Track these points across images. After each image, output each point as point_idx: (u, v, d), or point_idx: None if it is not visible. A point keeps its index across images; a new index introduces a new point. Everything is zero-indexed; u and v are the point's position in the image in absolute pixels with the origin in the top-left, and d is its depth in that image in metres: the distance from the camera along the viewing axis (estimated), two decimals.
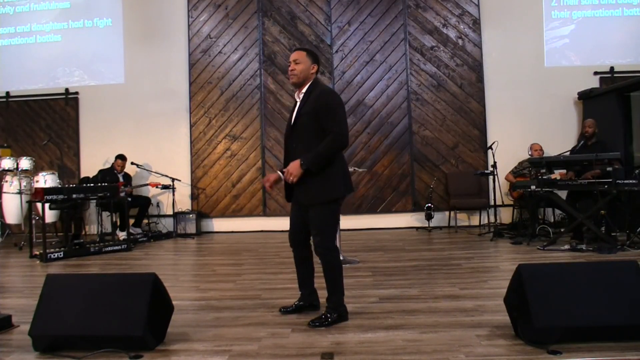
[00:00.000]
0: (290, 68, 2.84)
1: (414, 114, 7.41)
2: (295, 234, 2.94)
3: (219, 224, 7.55)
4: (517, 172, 6.56)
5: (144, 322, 2.34)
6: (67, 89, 7.93)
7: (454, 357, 2.20)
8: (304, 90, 2.84)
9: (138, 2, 7.88)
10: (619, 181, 4.77)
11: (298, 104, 2.85)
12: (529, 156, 6.14)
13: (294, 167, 2.67)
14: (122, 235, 6.45)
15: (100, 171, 6.97)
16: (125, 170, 7.15)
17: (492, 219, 6.71)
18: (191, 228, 7.18)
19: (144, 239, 6.65)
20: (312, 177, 2.71)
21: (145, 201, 7.12)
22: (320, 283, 2.91)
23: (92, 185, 5.96)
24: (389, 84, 7.46)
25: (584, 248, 4.81)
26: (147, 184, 7.23)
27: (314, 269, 3.02)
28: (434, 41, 7.46)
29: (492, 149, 6.29)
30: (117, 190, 5.91)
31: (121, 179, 6.94)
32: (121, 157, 7.06)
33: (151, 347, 2.39)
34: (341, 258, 4.61)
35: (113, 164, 7.03)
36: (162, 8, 7.81)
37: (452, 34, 7.45)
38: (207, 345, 2.46)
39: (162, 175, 7.31)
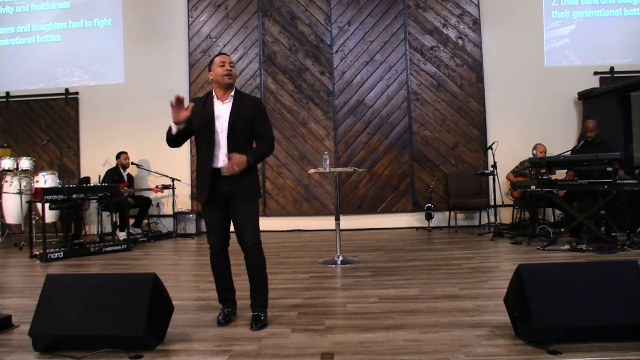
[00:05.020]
0: (227, 69, 2.78)
1: (414, 114, 7.41)
2: (225, 237, 2.90)
3: None
4: (518, 171, 6.57)
5: (144, 322, 2.34)
6: (67, 89, 7.94)
7: (454, 357, 2.20)
8: (232, 93, 2.83)
9: (138, 2, 7.88)
10: (619, 181, 4.77)
11: (224, 106, 2.80)
12: (533, 156, 6.13)
13: (241, 160, 2.67)
14: (122, 235, 6.45)
15: (108, 171, 7.00)
16: (128, 169, 7.18)
17: (492, 219, 6.71)
18: (191, 228, 7.18)
19: (144, 239, 6.65)
20: (249, 175, 2.81)
21: (146, 202, 7.12)
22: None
23: (92, 185, 5.97)
24: (389, 84, 7.46)
25: (584, 248, 4.81)
26: (150, 189, 7.25)
27: None
28: (434, 41, 7.46)
29: (492, 149, 6.29)
30: (117, 190, 5.92)
31: (126, 179, 6.98)
32: (124, 152, 7.11)
33: (151, 347, 2.39)
34: (341, 258, 4.64)
35: (118, 162, 7.05)
36: (162, 8, 7.81)
37: (452, 34, 7.45)
38: (207, 345, 2.46)
39: (162, 175, 7.32)
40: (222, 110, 2.79)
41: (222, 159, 2.75)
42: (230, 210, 2.83)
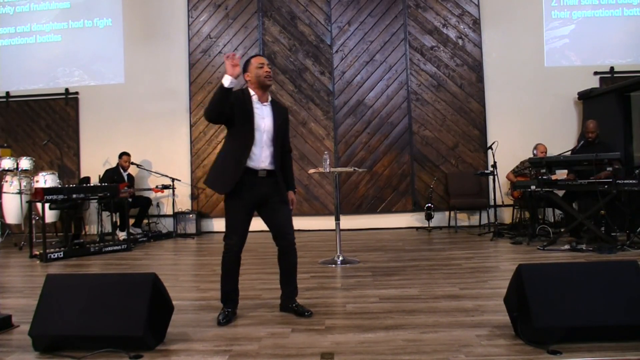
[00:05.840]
0: (267, 70, 2.84)
1: (414, 114, 7.42)
2: (245, 238, 2.90)
3: (219, 224, 7.54)
4: (518, 171, 6.57)
5: (144, 322, 2.34)
6: (67, 89, 7.94)
7: (454, 357, 2.20)
8: (269, 97, 2.91)
9: (138, 2, 7.88)
10: (619, 181, 4.77)
11: (265, 107, 2.86)
12: (534, 156, 6.13)
13: (294, 196, 3.04)
14: (122, 235, 6.45)
15: (107, 170, 7.00)
16: (129, 170, 7.18)
17: (492, 219, 6.71)
18: (191, 228, 7.18)
19: (144, 239, 6.65)
20: (279, 179, 2.90)
21: (146, 201, 7.12)
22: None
23: (92, 185, 5.97)
24: (389, 84, 7.46)
25: (584, 248, 4.81)
26: (150, 189, 7.25)
27: None
28: (434, 41, 7.46)
29: (492, 149, 6.29)
30: (117, 190, 5.92)
31: (126, 179, 6.99)
32: (126, 154, 7.10)
33: (151, 347, 2.38)
34: (341, 258, 4.64)
35: (119, 162, 7.05)
36: (162, 8, 7.81)
37: (452, 34, 7.45)
38: (207, 345, 2.46)
39: (162, 175, 7.32)
40: (264, 111, 2.85)
41: (262, 159, 2.81)
42: (266, 211, 2.91)
